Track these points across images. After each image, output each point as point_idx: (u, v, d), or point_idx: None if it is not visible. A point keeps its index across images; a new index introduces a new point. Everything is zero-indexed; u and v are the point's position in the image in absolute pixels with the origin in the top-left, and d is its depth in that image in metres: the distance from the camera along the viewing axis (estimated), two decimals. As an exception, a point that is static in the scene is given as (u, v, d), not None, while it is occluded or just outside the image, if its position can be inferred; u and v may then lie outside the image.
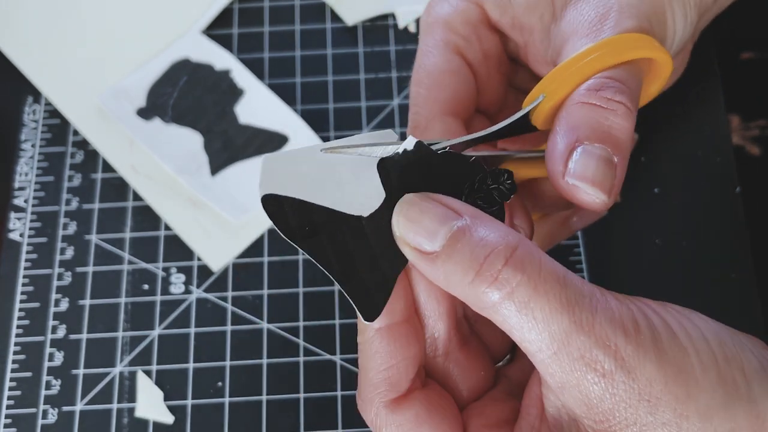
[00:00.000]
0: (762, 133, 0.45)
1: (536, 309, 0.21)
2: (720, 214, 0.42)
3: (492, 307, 0.22)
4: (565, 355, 0.21)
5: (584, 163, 0.25)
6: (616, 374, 0.21)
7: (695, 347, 0.22)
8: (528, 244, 0.22)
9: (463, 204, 0.23)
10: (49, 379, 0.39)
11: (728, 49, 0.46)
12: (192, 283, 0.41)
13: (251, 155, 0.43)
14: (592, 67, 0.27)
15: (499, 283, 0.21)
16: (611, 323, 0.21)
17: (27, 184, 0.44)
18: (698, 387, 0.21)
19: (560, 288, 0.22)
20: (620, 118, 0.26)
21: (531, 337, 0.21)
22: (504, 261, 0.22)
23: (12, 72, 0.46)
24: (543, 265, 0.22)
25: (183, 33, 0.47)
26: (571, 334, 0.21)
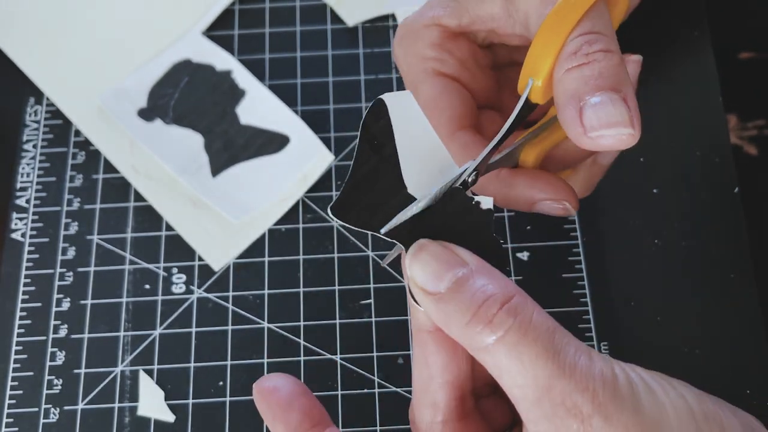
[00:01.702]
0: (760, 132, 0.45)
1: (524, 353, 0.22)
2: (719, 214, 0.42)
3: (485, 349, 0.23)
4: (547, 401, 0.22)
5: (595, 114, 0.26)
6: (593, 419, 0.22)
7: (673, 403, 0.23)
8: (524, 296, 0.24)
9: (471, 254, 0.25)
10: (50, 379, 0.39)
11: (726, 49, 0.46)
12: (193, 283, 0.41)
13: (252, 156, 0.44)
14: (562, 32, 0.28)
15: (493, 325, 0.23)
16: (591, 371, 0.22)
17: (29, 184, 0.44)
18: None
19: (548, 335, 0.23)
20: (604, 61, 0.27)
21: (518, 381, 0.23)
22: (500, 305, 0.23)
23: (14, 73, 0.46)
24: (535, 315, 0.23)
25: (184, 34, 0.47)
26: (554, 379, 0.22)
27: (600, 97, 0.26)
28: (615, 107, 0.26)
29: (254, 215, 0.42)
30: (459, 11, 0.34)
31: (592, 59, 0.27)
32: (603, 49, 0.27)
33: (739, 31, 0.47)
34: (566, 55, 0.27)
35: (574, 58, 0.27)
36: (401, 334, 0.40)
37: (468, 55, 0.34)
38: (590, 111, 0.26)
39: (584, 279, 0.40)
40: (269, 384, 0.28)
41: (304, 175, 0.43)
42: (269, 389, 0.28)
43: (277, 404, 0.27)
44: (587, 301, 0.40)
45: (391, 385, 0.39)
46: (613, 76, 0.27)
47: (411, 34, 0.35)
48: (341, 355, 0.39)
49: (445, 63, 0.34)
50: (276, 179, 0.43)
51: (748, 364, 0.38)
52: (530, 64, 0.29)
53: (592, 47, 0.27)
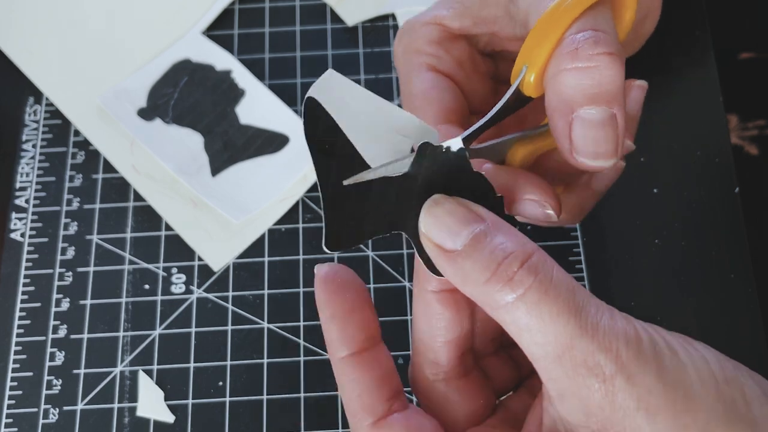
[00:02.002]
0: (760, 132, 0.45)
1: (545, 311, 0.22)
2: (719, 214, 0.42)
3: (504, 308, 0.22)
4: (568, 359, 0.22)
5: (585, 134, 0.26)
6: (616, 379, 0.21)
7: (695, 365, 0.22)
8: (543, 254, 0.23)
9: (488, 211, 0.24)
10: (50, 379, 0.39)
11: (727, 49, 0.46)
12: (193, 283, 0.41)
13: (252, 156, 0.43)
14: (561, 24, 0.27)
15: (514, 283, 0.22)
16: (614, 330, 0.22)
17: (28, 184, 0.44)
18: (697, 402, 0.21)
19: (569, 294, 0.22)
20: (607, 69, 0.26)
21: (537, 339, 0.22)
22: (520, 264, 0.22)
23: (13, 72, 0.46)
24: (555, 273, 0.23)
25: (184, 34, 0.47)
26: (576, 338, 0.22)
27: (596, 113, 0.26)
28: (604, 131, 0.26)
29: (254, 215, 0.42)
30: (462, 12, 0.33)
31: (594, 64, 0.26)
32: (606, 51, 0.26)
33: (740, 31, 0.47)
34: (566, 51, 0.26)
35: (574, 56, 0.26)
36: (401, 334, 0.40)
37: (466, 57, 0.34)
38: (581, 128, 0.26)
39: (584, 279, 0.40)
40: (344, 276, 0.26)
41: (304, 175, 0.43)
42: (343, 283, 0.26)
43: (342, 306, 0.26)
44: (587, 301, 0.40)
45: (391, 385, 0.39)
46: (613, 89, 0.26)
47: (411, 31, 0.34)
48: (341, 355, 0.39)
49: (441, 60, 0.34)
50: (276, 179, 0.43)
51: (748, 364, 0.38)
52: (525, 53, 0.28)
53: (595, 48, 0.26)
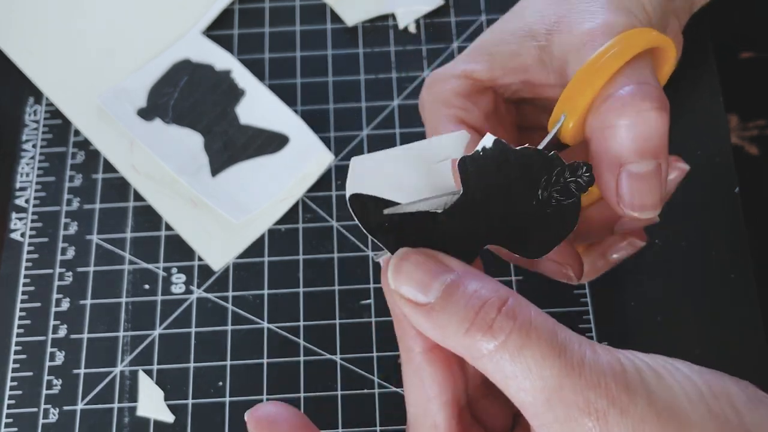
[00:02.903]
0: (761, 132, 0.45)
1: (529, 356, 0.22)
2: (719, 214, 0.42)
3: (487, 356, 0.22)
4: (557, 402, 0.21)
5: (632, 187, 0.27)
6: (609, 414, 0.21)
7: (681, 385, 0.22)
8: (518, 297, 0.23)
9: (453, 259, 0.24)
10: (50, 379, 0.39)
11: (727, 49, 0.46)
12: (193, 283, 0.41)
13: (252, 156, 0.43)
14: (604, 74, 0.27)
15: (494, 331, 0.22)
16: (600, 365, 0.22)
17: (28, 184, 0.44)
18: (690, 423, 0.21)
19: (551, 335, 0.22)
20: (655, 123, 0.27)
21: (525, 385, 0.22)
22: (497, 310, 0.22)
23: (13, 72, 0.46)
24: (533, 316, 0.23)
25: (183, 34, 0.47)
26: (563, 378, 0.21)
27: (640, 165, 0.27)
28: (650, 183, 0.27)
29: (254, 215, 0.42)
30: (491, 64, 0.33)
31: (642, 119, 0.26)
32: (654, 106, 0.26)
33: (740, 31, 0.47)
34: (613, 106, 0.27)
35: (622, 112, 0.26)
36: (401, 334, 0.40)
37: (492, 109, 0.34)
38: (626, 182, 0.27)
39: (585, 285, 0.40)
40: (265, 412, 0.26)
41: (303, 175, 0.43)
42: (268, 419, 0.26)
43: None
44: (587, 301, 0.40)
45: (391, 385, 0.39)
46: (660, 142, 0.27)
47: (439, 82, 0.34)
48: (341, 355, 0.39)
49: (469, 112, 0.33)
50: (276, 179, 0.43)
51: (748, 364, 0.38)
52: (565, 101, 0.28)
53: (642, 103, 0.26)
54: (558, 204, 0.25)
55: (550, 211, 0.25)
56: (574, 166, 0.25)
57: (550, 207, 0.25)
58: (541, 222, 0.25)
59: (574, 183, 0.25)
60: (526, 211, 0.25)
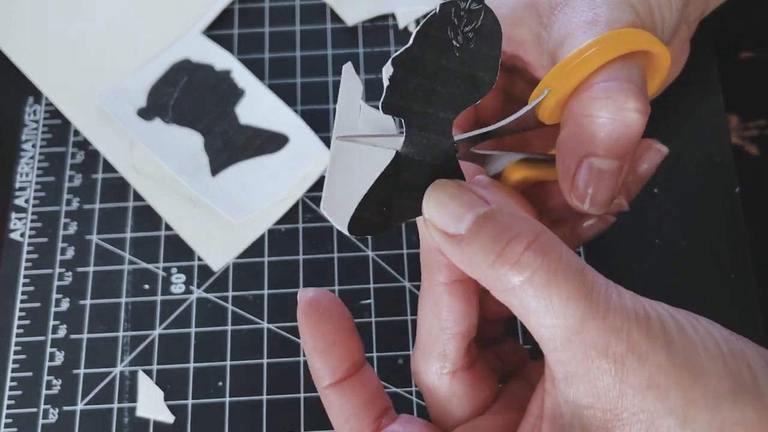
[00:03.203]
0: (761, 132, 0.45)
1: (554, 294, 0.22)
2: (719, 214, 0.42)
3: (511, 290, 0.22)
4: (578, 342, 0.22)
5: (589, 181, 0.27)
6: (627, 359, 0.21)
7: (702, 339, 0.22)
8: (550, 234, 0.23)
9: (493, 194, 0.24)
10: (49, 379, 0.39)
11: (727, 49, 0.46)
12: (192, 283, 0.41)
13: (252, 156, 0.43)
14: (594, 61, 0.27)
15: (520, 266, 0.22)
16: (624, 311, 0.22)
17: (28, 184, 0.44)
18: (705, 375, 0.21)
19: (578, 276, 0.22)
20: (632, 126, 0.26)
21: (546, 322, 0.22)
22: (526, 245, 0.22)
23: (13, 72, 0.46)
24: (563, 254, 0.22)
25: (183, 33, 0.47)
26: (586, 321, 0.21)
27: (607, 164, 0.27)
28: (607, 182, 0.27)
29: (254, 215, 0.42)
30: None
31: (621, 118, 0.26)
32: (640, 109, 0.26)
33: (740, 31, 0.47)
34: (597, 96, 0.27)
35: (605, 105, 0.26)
36: (401, 334, 0.40)
37: None
38: (585, 174, 0.27)
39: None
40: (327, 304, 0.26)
41: (303, 175, 0.43)
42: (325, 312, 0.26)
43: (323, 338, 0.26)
44: (587, 301, 0.40)
45: (391, 385, 0.39)
46: (628, 144, 0.27)
47: None
48: (341, 356, 0.39)
49: None
50: (276, 179, 0.43)
51: None
52: (551, 78, 0.28)
53: (626, 102, 0.26)
54: (475, 31, 0.25)
55: (474, 43, 0.25)
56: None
57: (471, 41, 0.25)
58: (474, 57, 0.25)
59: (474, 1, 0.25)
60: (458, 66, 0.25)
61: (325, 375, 0.26)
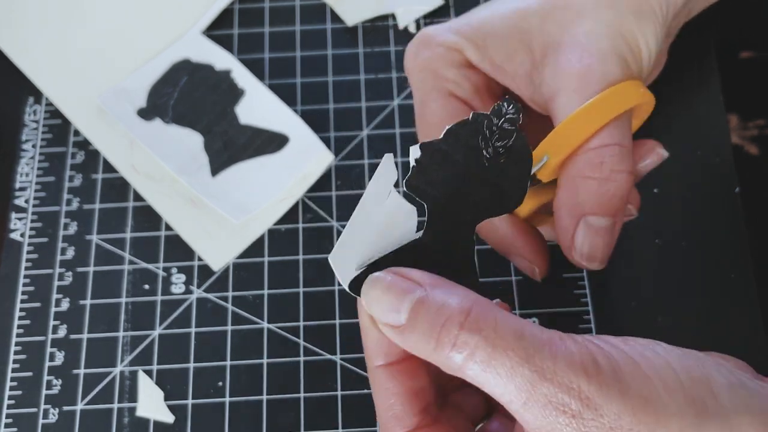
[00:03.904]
0: (761, 132, 0.45)
1: (498, 366, 0.22)
2: (720, 214, 0.42)
3: (459, 369, 0.23)
4: (533, 403, 0.22)
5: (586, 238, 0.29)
6: (584, 414, 0.22)
7: (659, 374, 0.22)
8: (483, 304, 0.23)
9: (424, 273, 0.25)
10: (50, 379, 0.39)
11: (727, 49, 0.46)
12: (192, 283, 0.41)
13: (252, 156, 0.43)
14: (590, 128, 0.29)
15: (459, 347, 0.23)
16: (572, 366, 0.22)
17: (28, 184, 0.44)
18: (667, 412, 0.22)
19: (517, 341, 0.22)
20: (622, 186, 0.29)
21: (499, 391, 0.22)
22: (459, 326, 0.23)
23: (13, 72, 0.46)
24: (498, 323, 0.23)
25: (183, 33, 0.47)
26: (535, 384, 0.22)
27: (603, 222, 0.29)
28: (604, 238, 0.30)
29: (254, 215, 0.42)
30: (483, 54, 0.33)
31: (614, 179, 0.29)
32: (626, 170, 0.29)
33: (740, 31, 0.47)
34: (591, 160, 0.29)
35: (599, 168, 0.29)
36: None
37: (483, 84, 0.34)
38: (583, 232, 0.29)
39: (584, 279, 0.40)
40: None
41: (303, 175, 0.43)
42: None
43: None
44: (587, 301, 0.40)
45: (391, 386, 0.39)
46: (621, 204, 0.29)
47: (429, 47, 0.34)
48: (341, 355, 0.39)
49: (461, 87, 0.34)
50: (276, 179, 0.43)
51: (748, 364, 0.38)
52: (550, 143, 0.30)
53: (619, 165, 0.29)
54: (506, 148, 0.26)
55: (504, 159, 0.26)
56: (496, 109, 0.26)
57: (501, 156, 0.26)
58: (504, 172, 0.26)
59: (507, 122, 0.26)
60: (486, 175, 0.26)
61: (378, 354, 0.26)
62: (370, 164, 0.44)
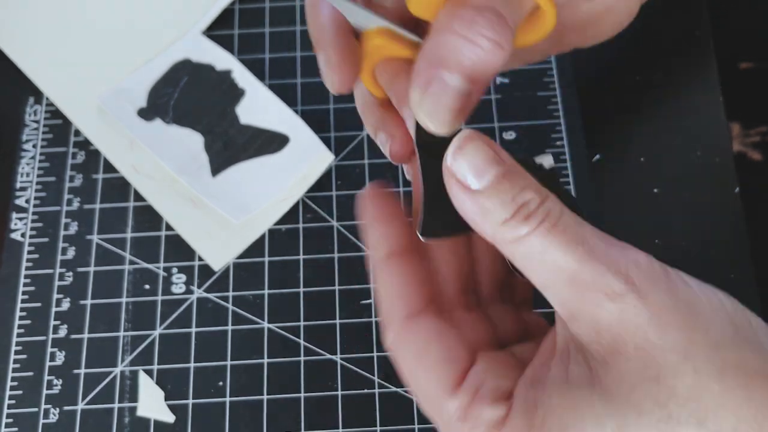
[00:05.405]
0: (763, 139, 0.45)
1: (555, 240, 0.23)
2: (720, 214, 0.42)
3: (517, 241, 0.23)
4: (578, 283, 0.22)
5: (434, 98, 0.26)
6: (626, 296, 0.22)
7: (705, 293, 0.23)
8: (555, 198, 0.24)
9: (503, 152, 0.25)
10: (50, 379, 0.39)
11: (728, 60, 0.46)
12: (193, 282, 0.41)
13: (252, 156, 0.43)
14: None
15: (529, 220, 0.23)
16: (625, 255, 0.23)
17: (28, 184, 0.44)
18: (708, 322, 0.22)
19: (580, 227, 0.23)
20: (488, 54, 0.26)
21: (548, 267, 0.23)
22: (538, 204, 0.24)
23: (13, 72, 0.46)
24: (565, 209, 0.24)
25: (184, 34, 0.47)
26: (585, 262, 0.22)
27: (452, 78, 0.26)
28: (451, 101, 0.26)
29: (254, 215, 0.42)
30: None
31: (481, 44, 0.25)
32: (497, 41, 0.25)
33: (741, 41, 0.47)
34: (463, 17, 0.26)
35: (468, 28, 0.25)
36: (401, 335, 0.40)
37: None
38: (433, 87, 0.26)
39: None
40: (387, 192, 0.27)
41: (304, 175, 0.43)
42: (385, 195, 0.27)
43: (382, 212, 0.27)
44: (587, 302, 0.40)
45: (391, 385, 0.39)
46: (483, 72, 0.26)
47: None
48: (341, 355, 0.39)
49: None
50: (276, 179, 0.43)
51: None
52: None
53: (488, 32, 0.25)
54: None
55: None
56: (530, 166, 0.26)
57: None
58: None
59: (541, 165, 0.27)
60: None
61: (382, 244, 0.27)
62: (370, 164, 0.44)
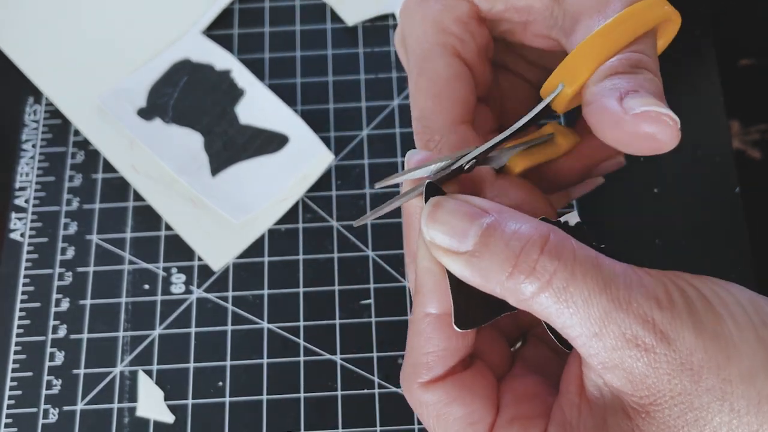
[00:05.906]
0: (762, 136, 0.45)
1: (575, 294, 0.21)
2: (720, 214, 0.42)
3: (531, 299, 0.22)
4: (606, 335, 0.21)
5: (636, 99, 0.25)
6: (657, 347, 0.21)
7: (730, 312, 0.22)
8: (559, 232, 0.23)
9: (486, 201, 0.24)
10: (50, 379, 0.39)
11: (728, 57, 0.46)
12: (192, 283, 0.41)
13: (252, 155, 0.43)
14: (607, 49, 0.26)
15: (537, 273, 0.22)
16: (647, 298, 0.22)
17: (28, 184, 0.44)
18: (738, 351, 0.21)
19: (596, 270, 0.22)
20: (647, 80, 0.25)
21: (571, 322, 0.22)
22: (539, 250, 0.22)
23: (13, 72, 0.46)
24: (576, 251, 0.22)
25: (183, 33, 0.47)
26: (610, 314, 0.21)
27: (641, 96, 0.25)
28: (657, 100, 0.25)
29: (254, 215, 0.42)
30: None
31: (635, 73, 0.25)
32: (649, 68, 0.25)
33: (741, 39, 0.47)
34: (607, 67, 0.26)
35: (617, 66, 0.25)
36: (401, 334, 0.40)
37: (484, 44, 0.32)
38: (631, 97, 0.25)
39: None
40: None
41: (304, 175, 0.43)
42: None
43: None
44: (587, 302, 0.40)
45: (391, 385, 0.39)
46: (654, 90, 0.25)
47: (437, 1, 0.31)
48: (341, 355, 0.39)
49: (466, 46, 0.31)
50: (276, 179, 0.43)
51: None
52: (566, 69, 0.27)
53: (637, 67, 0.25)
54: None
55: None
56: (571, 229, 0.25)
57: None
58: None
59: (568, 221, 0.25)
60: None
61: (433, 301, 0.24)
62: (370, 164, 0.44)
